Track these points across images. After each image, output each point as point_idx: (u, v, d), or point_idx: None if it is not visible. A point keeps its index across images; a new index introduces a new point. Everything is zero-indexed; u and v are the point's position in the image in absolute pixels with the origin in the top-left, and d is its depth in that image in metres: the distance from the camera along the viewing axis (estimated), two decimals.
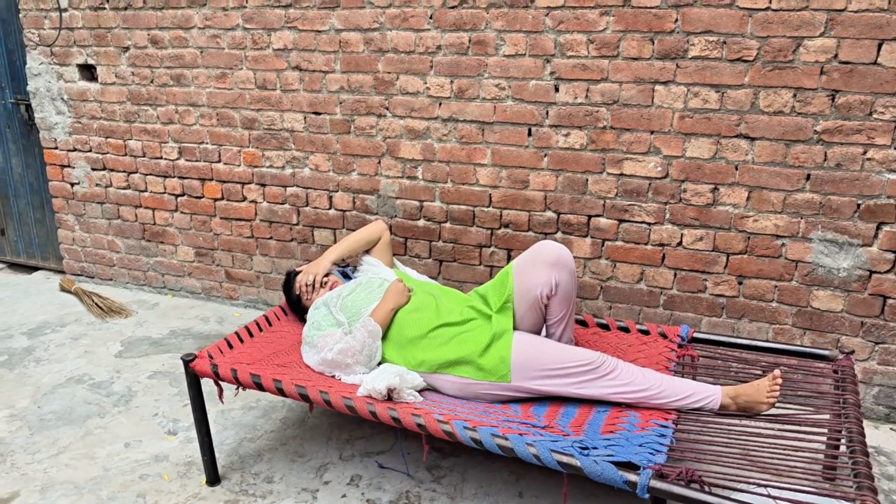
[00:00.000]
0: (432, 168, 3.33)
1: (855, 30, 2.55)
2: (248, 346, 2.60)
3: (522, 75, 3.03)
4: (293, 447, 2.75)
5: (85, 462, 2.67)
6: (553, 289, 2.34)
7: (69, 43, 3.91)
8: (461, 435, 2.07)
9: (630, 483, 1.88)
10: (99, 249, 4.30)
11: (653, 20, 2.78)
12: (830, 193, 2.72)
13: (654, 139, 2.91)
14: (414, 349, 2.42)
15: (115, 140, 4.00)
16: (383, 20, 3.20)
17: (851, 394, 2.25)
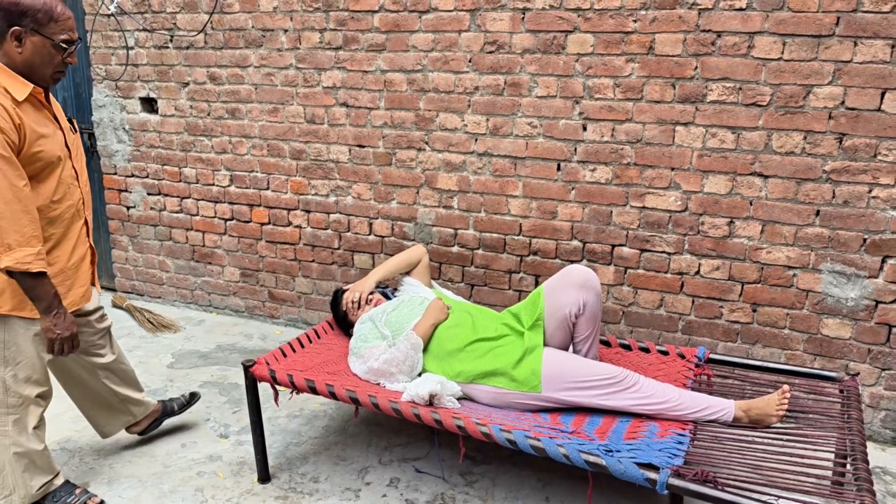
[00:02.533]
0: (467, 198, 3.59)
1: (860, 79, 2.79)
2: (300, 355, 2.85)
3: (553, 115, 3.30)
4: (336, 452, 2.98)
5: (146, 459, 2.91)
6: (581, 308, 2.57)
7: (133, 78, 4.26)
8: (497, 436, 2.29)
9: (650, 480, 2.08)
10: (150, 269, 4.59)
11: (674, 67, 3.04)
12: (838, 228, 2.94)
13: (675, 175, 3.15)
14: (452, 361, 2.66)
15: (170, 167, 4.31)
16: (426, 62, 3.49)
17: (855, 411, 2.44)
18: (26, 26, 2.13)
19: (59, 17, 2.16)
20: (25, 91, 2.15)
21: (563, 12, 3.16)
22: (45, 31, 2.15)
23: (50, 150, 2.21)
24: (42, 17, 2.13)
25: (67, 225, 2.33)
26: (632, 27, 3.07)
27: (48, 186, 2.24)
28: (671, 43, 3.02)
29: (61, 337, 2.23)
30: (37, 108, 2.23)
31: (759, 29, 2.88)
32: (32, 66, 2.18)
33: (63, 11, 2.17)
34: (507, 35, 3.29)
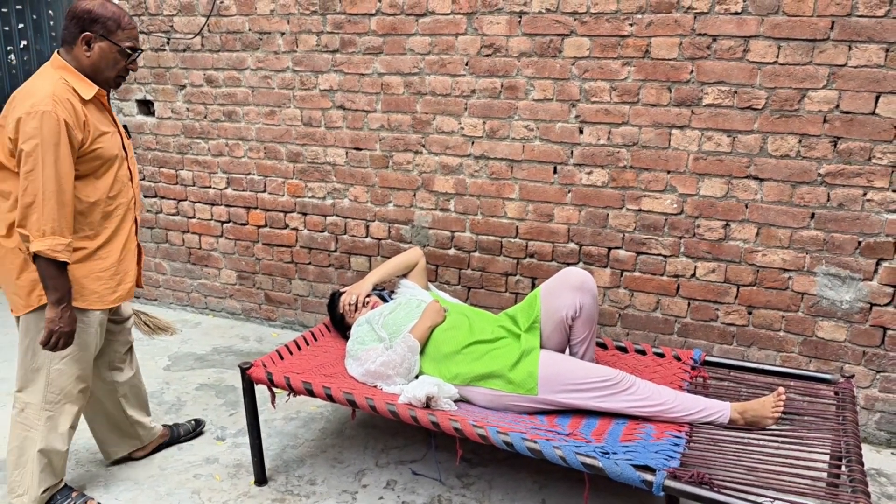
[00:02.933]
0: (464, 201, 3.60)
1: (855, 83, 2.81)
2: (297, 357, 2.85)
3: (549, 118, 3.31)
4: (333, 454, 2.98)
5: (142, 462, 2.91)
6: (577, 311, 2.58)
7: (130, 80, 4.25)
8: (494, 438, 2.30)
9: (647, 482, 2.09)
10: (146, 271, 4.59)
11: (670, 71, 3.06)
12: (833, 231, 2.96)
13: (671, 178, 3.16)
14: (449, 363, 2.66)
15: (167, 170, 4.31)
16: (423, 66, 3.50)
17: (850, 413, 2.45)
18: (96, 32, 2.28)
19: (125, 27, 2.32)
20: (92, 91, 2.31)
21: (559, 16, 3.18)
22: (113, 38, 2.30)
23: (108, 149, 2.35)
24: (111, 25, 2.29)
25: (119, 222, 2.45)
26: (628, 31, 3.08)
27: (105, 182, 2.36)
28: (667, 47, 3.04)
29: (62, 331, 2.27)
30: (99, 108, 2.38)
31: (754, 33, 2.90)
32: (98, 69, 2.32)
33: (129, 21, 2.34)
34: (503, 38, 3.31)
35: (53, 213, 2.17)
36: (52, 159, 2.16)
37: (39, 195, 2.16)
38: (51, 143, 2.16)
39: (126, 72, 2.40)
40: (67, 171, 2.20)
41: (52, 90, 2.20)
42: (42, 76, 2.29)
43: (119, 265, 2.46)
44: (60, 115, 2.17)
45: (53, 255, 2.17)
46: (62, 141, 2.17)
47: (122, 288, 2.49)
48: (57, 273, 2.21)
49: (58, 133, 2.16)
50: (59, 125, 2.16)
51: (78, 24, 2.27)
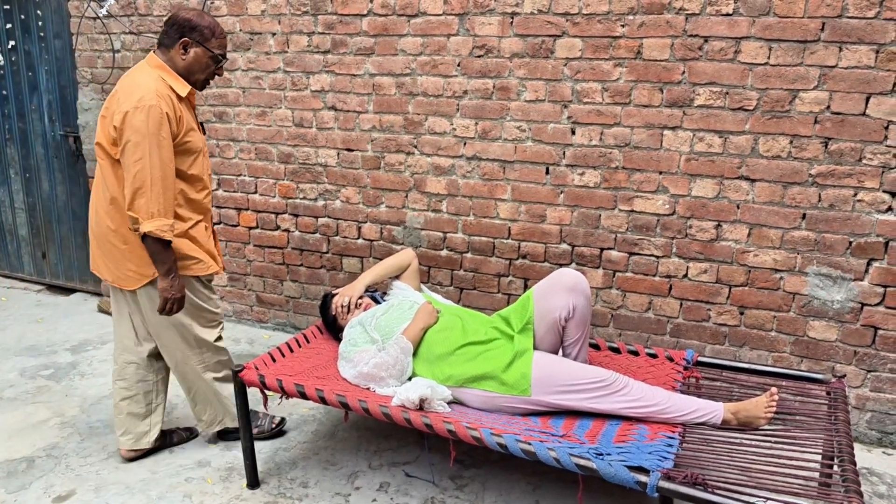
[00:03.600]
0: (456, 202, 3.59)
1: (845, 84, 2.82)
2: (289, 360, 2.84)
3: (542, 119, 3.31)
4: (325, 457, 2.97)
5: (133, 465, 2.89)
6: (571, 312, 2.58)
7: None
8: (488, 440, 2.29)
9: (641, 483, 2.09)
10: None
11: (662, 72, 3.06)
12: (824, 231, 2.97)
13: (663, 179, 3.17)
14: (442, 365, 2.66)
15: None
16: (414, 66, 3.49)
17: (842, 412, 2.46)
18: (193, 39, 2.56)
19: (218, 36, 2.60)
20: (186, 90, 2.58)
21: (551, 17, 3.18)
22: (207, 45, 2.58)
23: (196, 142, 2.62)
24: (207, 33, 2.57)
25: (204, 211, 2.73)
26: (620, 32, 3.09)
27: (194, 170, 2.63)
28: (659, 47, 3.04)
29: (174, 297, 2.57)
30: (188, 106, 2.64)
31: (745, 34, 2.91)
32: (191, 71, 2.60)
33: (221, 32, 2.62)
34: (495, 39, 3.30)
35: (160, 197, 2.43)
36: (157, 149, 2.42)
37: (147, 181, 2.41)
38: (156, 135, 2.41)
39: (213, 76, 2.67)
40: (169, 159, 2.47)
41: (154, 86, 2.46)
42: (142, 73, 2.54)
43: (204, 244, 2.72)
44: (164, 109, 2.43)
45: (161, 234, 2.44)
46: (165, 132, 2.44)
47: (212, 265, 2.76)
48: (163, 249, 2.49)
49: (159, 125, 2.42)
50: (163, 118, 2.43)
51: (178, 30, 2.55)
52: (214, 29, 2.59)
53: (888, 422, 3.06)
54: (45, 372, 3.70)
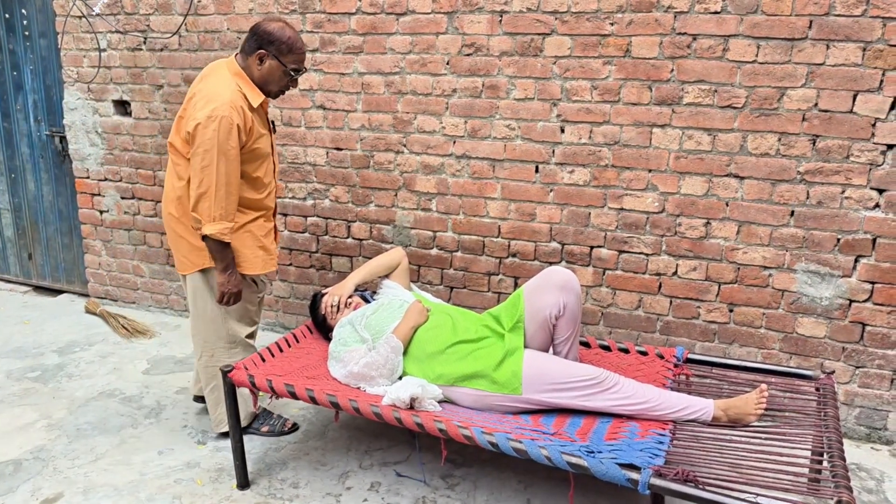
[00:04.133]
0: (446, 201, 3.58)
1: (833, 82, 2.84)
2: (279, 359, 2.82)
3: (531, 117, 3.31)
4: (315, 457, 2.95)
5: (122, 467, 2.86)
6: (561, 310, 2.57)
7: (106, 80, 4.19)
8: (479, 439, 2.29)
9: (632, 481, 2.09)
10: (124, 274, 4.52)
11: (651, 70, 3.07)
12: (813, 228, 2.98)
13: (652, 177, 3.17)
14: (433, 363, 2.65)
15: (144, 171, 4.26)
16: (403, 65, 3.48)
17: (832, 409, 2.47)
18: (270, 52, 2.64)
19: (296, 51, 2.67)
20: (259, 100, 2.70)
21: (540, 15, 3.17)
22: (283, 59, 2.66)
23: (264, 148, 2.76)
24: (284, 48, 2.64)
25: (265, 208, 2.87)
26: (609, 30, 3.09)
27: (261, 171, 2.78)
28: (648, 46, 3.05)
29: (231, 291, 2.75)
30: (260, 113, 2.76)
31: (733, 32, 2.91)
32: (266, 82, 2.70)
33: (300, 48, 2.68)
34: (484, 37, 3.30)
35: (222, 202, 2.60)
36: (224, 159, 2.57)
37: (212, 188, 2.57)
38: (224, 145, 2.55)
39: (287, 88, 2.76)
40: (235, 168, 2.62)
41: (229, 97, 2.58)
42: (221, 79, 2.65)
43: (263, 239, 2.86)
44: (235, 121, 2.56)
45: (220, 237, 2.62)
46: (233, 143, 2.57)
47: (269, 263, 2.90)
48: (222, 248, 2.67)
49: (229, 135, 2.55)
50: (233, 129, 2.56)
51: (257, 41, 2.64)
52: (293, 45, 2.65)
53: (876, 417, 3.08)
54: (31, 374, 3.67)
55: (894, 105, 2.78)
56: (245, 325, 2.95)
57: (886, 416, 3.06)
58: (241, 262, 2.80)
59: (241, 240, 2.79)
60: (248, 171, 2.73)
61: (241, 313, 2.92)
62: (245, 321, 2.94)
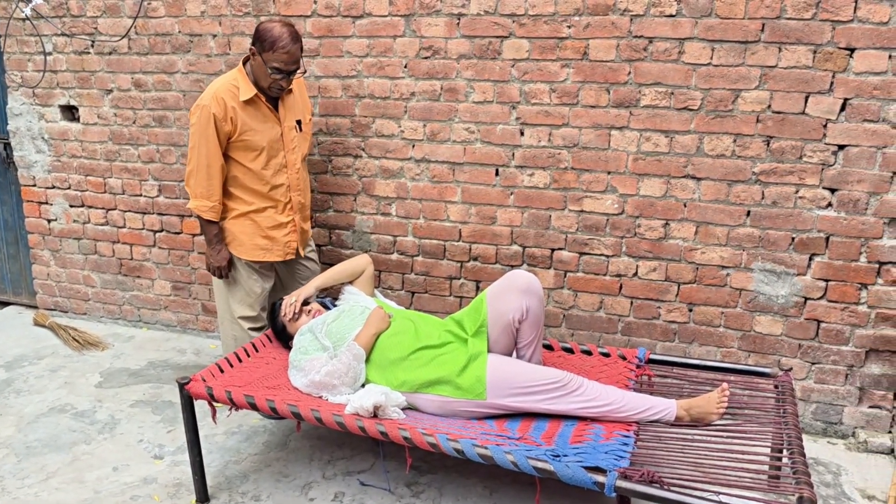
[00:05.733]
0: (405, 205, 3.55)
1: (785, 83, 2.89)
2: (238, 370, 2.76)
3: (490, 120, 3.30)
4: (277, 468, 2.89)
5: (75, 486, 2.76)
6: (524, 313, 2.57)
7: (52, 85, 4.06)
8: (445, 446, 2.26)
9: (598, 484, 2.09)
10: (74, 284, 4.38)
11: (608, 72, 3.08)
12: (768, 228, 3.03)
13: (611, 179, 3.19)
14: (396, 370, 2.61)
15: (94, 178, 4.13)
16: (361, 68, 3.44)
17: (790, 405, 2.51)
18: (256, 48, 2.83)
19: (277, 50, 2.79)
20: (249, 94, 2.90)
21: (497, 18, 3.17)
22: (265, 56, 2.81)
23: (256, 140, 2.95)
24: (267, 45, 2.79)
25: (275, 201, 3.07)
26: (566, 33, 3.10)
27: (256, 165, 2.98)
28: (605, 48, 3.06)
29: (213, 264, 3.09)
30: (258, 108, 2.95)
31: (688, 35, 2.95)
32: (257, 77, 2.91)
33: (283, 47, 2.79)
34: (442, 40, 3.28)
35: (203, 181, 2.93)
36: (205, 143, 2.88)
37: (194, 167, 2.94)
38: (203, 131, 2.86)
39: (278, 85, 2.89)
40: (214, 152, 2.89)
41: (217, 88, 2.89)
42: (228, 73, 3.01)
43: (269, 231, 3.08)
44: (212, 111, 2.84)
45: (199, 212, 2.99)
46: (210, 130, 2.85)
47: (270, 254, 3.11)
48: (206, 223, 3.03)
49: (206, 124, 2.85)
50: (210, 118, 2.84)
51: (253, 37, 2.85)
52: (275, 43, 2.77)
53: (832, 412, 3.14)
54: None
55: (844, 106, 2.84)
56: (244, 308, 3.17)
57: (842, 411, 3.13)
58: (236, 244, 3.08)
59: (240, 225, 3.06)
60: (241, 161, 2.96)
61: (240, 295, 3.16)
62: (245, 304, 3.17)
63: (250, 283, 3.15)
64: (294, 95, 3.10)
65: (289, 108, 3.06)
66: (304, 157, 3.19)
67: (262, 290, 3.19)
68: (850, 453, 3.04)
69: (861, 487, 2.80)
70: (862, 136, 2.84)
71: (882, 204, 2.88)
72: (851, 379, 3.08)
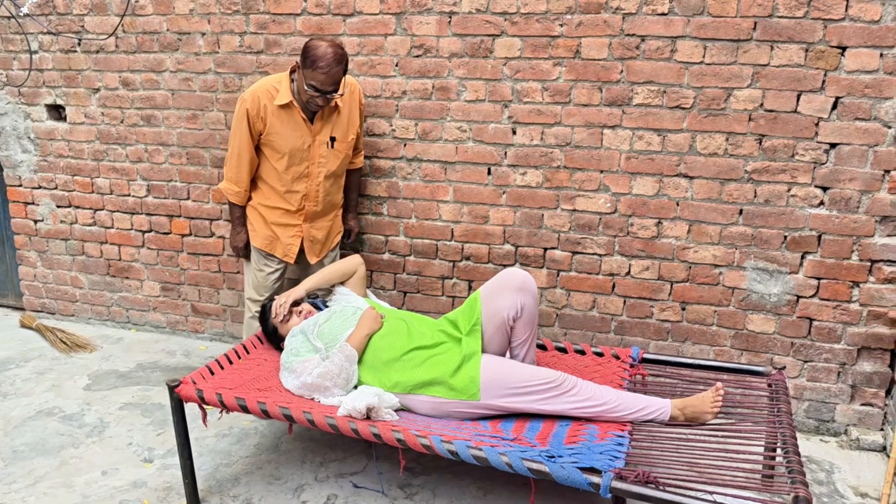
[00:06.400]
0: (397, 205, 3.53)
1: (777, 82, 2.89)
2: (229, 372, 2.73)
3: (482, 119, 3.28)
4: (269, 471, 2.86)
5: (63, 490, 2.73)
6: (519, 312, 2.55)
7: (38, 84, 4.01)
8: (438, 447, 2.24)
9: (594, 484, 2.08)
10: (61, 286, 4.33)
11: (601, 71, 3.07)
12: (760, 226, 3.03)
13: (604, 178, 3.18)
14: (389, 371, 2.59)
15: (81, 178, 4.08)
16: (352, 67, 3.41)
17: (784, 404, 2.51)
18: (300, 63, 2.89)
19: (316, 69, 2.81)
20: (284, 100, 2.98)
21: (489, 16, 3.15)
22: (305, 72, 2.87)
23: (279, 144, 3.05)
24: (308, 63, 2.83)
25: (284, 203, 3.16)
26: (558, 31, 3.08)
27: (279, 166, 3.09)
28: (597, 47, 3.05)
29: (232, 244, 3.31)
30: (292, 115, 3.02)
31: (681, 33, 2.94)
32: (299, 91, 2.97)
33: (323, 68, 2.80)
34: (433, 39, 3.26)
35: (234, 167, 3.12)
36: (238, 133, 3.05)
37: (230, 153, 3.12)
38: (239, 122, 3.03)
39: (315, 102, 2.93)
40: (245, 144, 3.05)
41: (258, 86, 3.02)
42: (279, 73, 3.13)
43: (274, 228, 3.20)
44: (245, 106, 2.99)
45: (227, 194, 3.20)
46: (243, 123, 3.01)
47: (274, 248, 3.24)
48: (231, 206, 3.23)
49: (241, 117, 3.01)
50: (243, 112, 3.00)
51: (301, 52, 2.89)
52: (316, 62, 2.79)
53: (824, 410, 3.14)
54: None
55: (836, 105, 2.84)
56: (252, 291, 3.32)
57: (834, 409, 3.13)
58: (251, 230, 3.25)
59: (253, 213, 3.23)
60: (269, 158, 3.10)
61: (251, 278, 3.32)
62: (257, 289, 3.30)
63: (261, 268, 3.27)
64: (342, 113, 3.11)
65: (328, 122, 3.08)
66: (333, 172, 3.18)
67: (271, 280, 3.28)
68: (843, 451, 3.05)
69: (854, 485, 2.80)
70: (853, 135, 2.85)
71: (874, 202, 2.88)
72: (844, 377, 3.08)
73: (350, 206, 3.45)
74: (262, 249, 3.23)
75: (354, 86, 3.17)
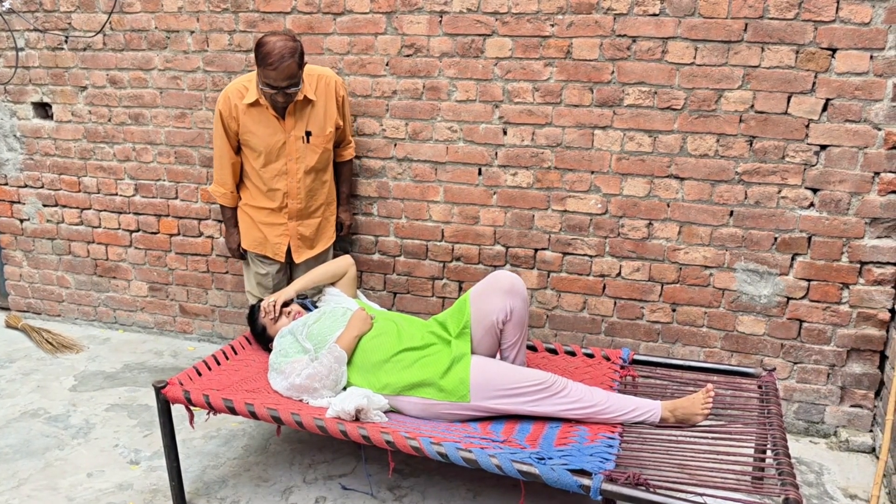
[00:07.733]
0: (387, 205, 3.51)
1: (768, 83, 2.89)
2: (217, 373, 2.70)
3: (473, 119, 3.27)
4: (257, 472, 2.84)
5: (48, 493, 2.69)
6: (508, 314, 2.54)
7: (24, 81, 3.96)
8: (428, 449, 2.23)
9: (584, 487, 2.07)
10: (48, 286, 4.29)
11: (592, 71, 3.07)
12: (751, 228, 3.03)
13: (595, 179, 3.17)
14: (378, 373, 2.57)
15: (68, 177, 4.04)
16: (342, 66, 3.39)
17: (774, 405, 2.51)
18: (255, 61, 2.82)
19: (265, 65, 2.76)
20: (251, 98, 2.96)
21: (480, 16, 3.14)
22: (258, 72, 2.84)
23: (254, 143, 3.03)
24: (259, 61, 2.79)
25: (267, 201, 3.15)
26: (549, 31, 3.07)
27: (256, 164, 3.08)
28: (588, 47, 3.04)
29: (227, 246, 3.34)
30: (263, 112, 2.99)
31: (672, 34, 2.93)
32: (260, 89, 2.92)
33: (272, 64, 2.74)
34: (424, 38, 3.24)
35: (218, 169, 3.15)
36: (217, 135, 3.07)
37: (215, 156, 3.15)
38: (215, 123, 3.06)
39: (273, 100, 2.90)
40: (223, 145, 3.07)
41: (230, 87, 3.03)
42: (250, 73, 3.08)
43: (262, 228, 3.19)
44: (218, 107, 3.01)
45: (214, 196, 3.21)
46: (218, 125, 3.03)
47: (264, 248, 3.22)
48: (221, 207, 3.27)
49: (217, 119, 3.03)
50: (217, 113, 3.02)
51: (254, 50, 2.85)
52: (266, 59, 2.74)
53: (814, 411, 3.15)
54: None
55: (826, 106, 2.85)
56: (252, 286, 3.34)
57: (824, 410, 3.13)
58: (241, 231, 3.25)
59: (241, 214, 3.24)
60: (248, 157, 3.10)
61: (250, 276, 3.34)
62: (255, 288, 3.32)
63: (256, 266, 3.29)
64: (316, 107, 3.05)
65: (301, 117, 3.03)
66: (313, 167, 3.12)
67: (269, 279, 3.29)
68: (832, 452, 3.05)
69: (843, 486, 2.81)
70: (844, 137, 2.85)
71: (863, 204, 2.88)
72: (833, 378, 3.09)
73: (342, 198, 3.40)
74: (252, 251, 3.25)
75: (331, 78, 3.10)
